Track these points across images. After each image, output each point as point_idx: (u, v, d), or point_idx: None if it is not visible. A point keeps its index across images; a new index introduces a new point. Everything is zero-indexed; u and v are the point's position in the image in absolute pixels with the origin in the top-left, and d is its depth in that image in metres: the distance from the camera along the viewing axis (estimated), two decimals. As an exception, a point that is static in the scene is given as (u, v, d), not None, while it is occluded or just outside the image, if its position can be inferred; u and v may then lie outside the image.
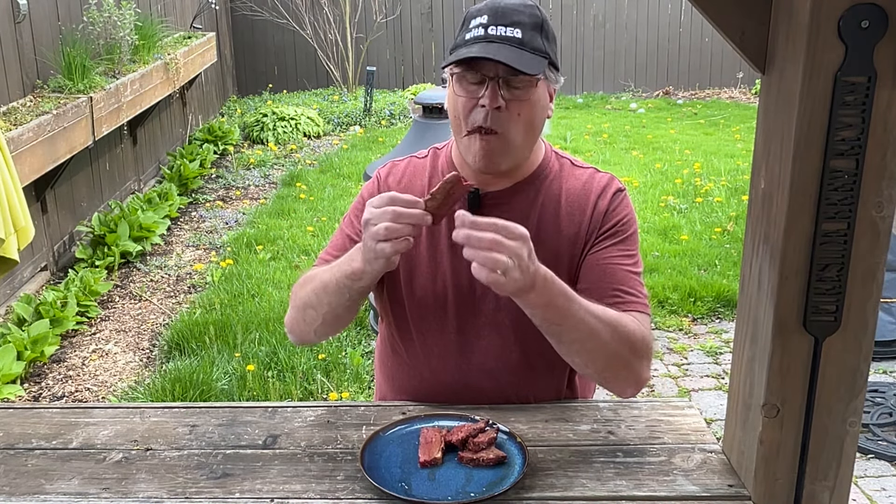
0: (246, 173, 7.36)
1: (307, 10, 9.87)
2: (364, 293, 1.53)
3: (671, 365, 3.96)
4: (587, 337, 1.44)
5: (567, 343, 1.46)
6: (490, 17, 1.50)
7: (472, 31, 1.51)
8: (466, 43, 1.51)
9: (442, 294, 1.61)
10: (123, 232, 5.21)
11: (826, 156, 1.18)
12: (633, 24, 10.57)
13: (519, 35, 1.49)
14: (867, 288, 1.24)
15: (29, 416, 1.63)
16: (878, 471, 3.09)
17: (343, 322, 1.61)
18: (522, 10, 1.51)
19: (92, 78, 5.02)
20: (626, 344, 1.47)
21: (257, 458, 1.46)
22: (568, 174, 1.64)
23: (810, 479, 1.33)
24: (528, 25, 1.50)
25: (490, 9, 1.52)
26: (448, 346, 1.62)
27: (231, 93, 10.19)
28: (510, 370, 1.62)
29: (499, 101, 1.49)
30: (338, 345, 4.00)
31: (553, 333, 1.45)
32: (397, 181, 1.69)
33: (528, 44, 1.49)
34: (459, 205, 1.47)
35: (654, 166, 7.17)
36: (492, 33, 1.49)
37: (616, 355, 1.47)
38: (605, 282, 1.55)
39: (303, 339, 1.67)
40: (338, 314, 1.56)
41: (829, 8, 1.13)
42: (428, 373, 1.65)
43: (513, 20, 1.49)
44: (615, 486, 1.36)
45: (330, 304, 1.54)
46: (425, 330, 1.63)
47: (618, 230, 1.59)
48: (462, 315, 1.61)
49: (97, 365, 3.99)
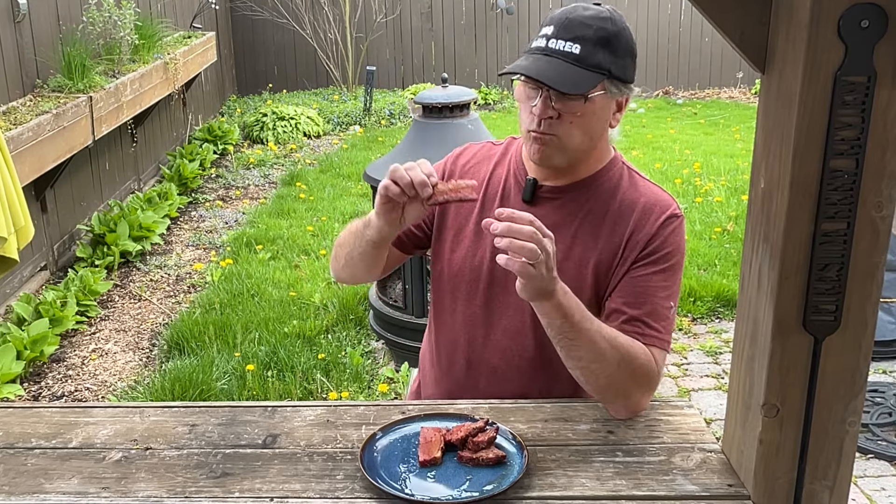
0: (246, 173, 7.36)
1: (307, 10, 9.86)
2: (374, 244, 1.62)
3: (671, 365, 3.96)
4: (594, 358, 1.48)
5: (573, 358, 1.50)
6: (555, 29, 1.55)
7: (538, 41, 1.57)
8: (529, 52, 1.57)
9: (478, 267, 1.68)
10: (123, 231, 5.21)
11: (826, 155, 1.18)
12: (633, 24, 10.40)
13: (577, 51, 1.52)
14: (867, 288, 1.24)
15: (28, 415, 1.63)
16: (877, 471, 3.09)
17: (359, 269, 1.72)
18: (591, 23, 1.53)
19: (92, 77, 5.02)
20: (629, 374, 1.51)
21: (257, 458, 1.46)
22: (629, 185, 1.66)
23: (810, 479, 1.33)
24: (591, 41, 1.52)
25: (558, 20, 1.55)
26: (473, 318, 1.69)
27: (231, 92, 10.19)
28: (523, 355, 1.66)
29: (549, 112, 1.54)
30: (337, 345, 4.01)
31: (563, 345, 1.49)
32: (465, 161, 1.79)
33: (584, 60, 1.52)
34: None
35: (654, 166, 7.17)
36: (552, 47, 1.54)
37: (617, 381, 1.52)
38: (635, 308, 1.56)
39: (337, 276, 1.82)
40: (353, 259, 1.69)
41: (829, 8, 1.13)
42: (450, 342, 1.73)
43: (576, 35, 1.52)
44: (615, 486, 1.36)
45: (351, 245, 1.69)
46: (457, 298, 1.71)
47: (662, 257, 1.59)
48: (492, 291, 1.67)
49: (97, 364, 3.99)
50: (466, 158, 1.79)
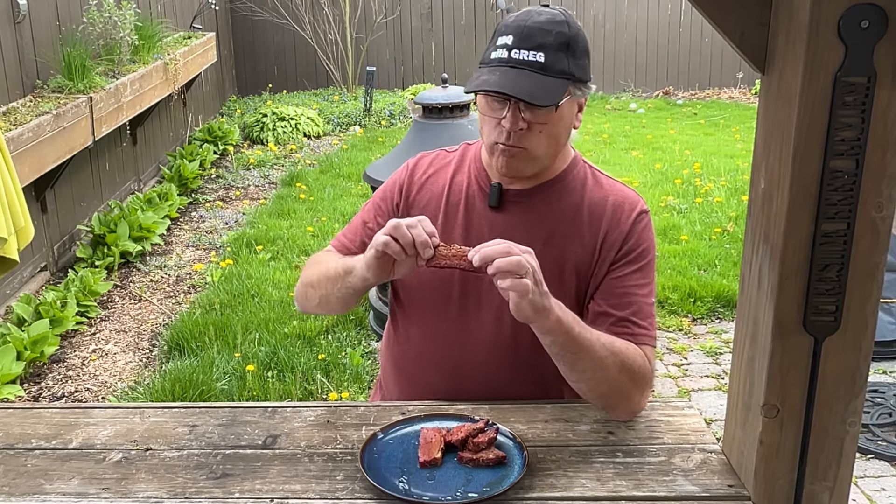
0: (246, 173, 7.36)
1: (307, 10, 9.87)
2: (355, 291, 1.59)
3: (671, 365, 3.96)
4: (597, 367, 1.48)
5: (579, 371, 1.49)
6: (515, 39, 1.51)
7: (498, 52, 1.52)
8: (490, 63, 1.53)
9: (448, 279, 1.63)
10: (123, 232, 5.21)
11: (826, 156, 1.18)
12: (633, 24, 10.57)
13: (542, 59, 1.49)
14: (867, 288, 1.24)
15: (29, 416, 1.63)
16: (877, 471, 3.09)
17: (334, 309, 1.69)
18: (549, 28, 1.51)
19: (92, 78, 5.02)
20: (629, 376, 1.51)
21: (257, 458, 1.46)
22: (594, 184, 1.65)
23: (810, 480, 1.33)
24: (553, 47, 1.50)
25: (517, 28, 1.52)
26: (447, 330, 1.65)
27: (231, 93, 10.19)
28: (500, 365, 1.64)
29: (519, 125, 1.52)
30: (338, 345, 4.00)
31: (566, 360, 1.48)
32: (422, 174, 1.73)
33: (550, 68, 1.50)
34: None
35: (654, 166, 7.17)
36: (514, 57, 1.50)
37: (619, 386, 1.52)
38: (621, 309, 1.57)
39: (304, 310, 1.79)
40: (330, 302, 1.65)
41: (829, 8, 1.13)
42: (424, 355, 1.69)
43: (537, 42, 1.50)
44: (615, 487, 1.36)
45: (327, 289, 1.64)
46: (426, 313, 1.67)
47: (638, 255, 1.60)
48: (464, 303, 1.64)
49: (97, 365, 3.99)
50: (422, 171, 1.73)
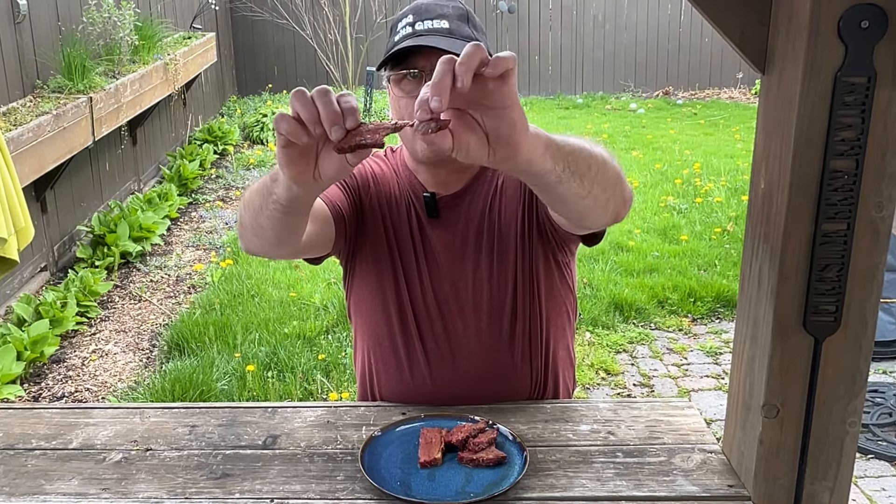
0: (246, 173, 7.36)
1: (307, 11, 9.86)
2: (283, 207, 1.20)
3: (671, 365, 3.96)
4: (594, 159, 1.18)
5: (587, 180, 1.17)
6: (415, 16, 1.53)
7: (401, 32, 1.53)
8: (396, 43, 1.52)
9: (432, 301, 1.61)
10: (123, 232, 5.21)
11: (826, 156, 1.18)
12: (632, 24, 10.57)
13: (446, 25, 1.51)
14: (867, 288, 1.24)
15: (29, 416, 1.63)
16: (878, 471, 3.09)
17: (269, 238, 1.34)
18: (445, 3, 1.55)
19: (92, 78, 5.02)
20: (610, 154, 1.24)
21: (257, 459, 1.46)
22: None
23: (810, 480, 1.33)
24: (454, 17, 1.53)
25: (414, 8, 1.56)
26: (435, 352, 1.62)
27: (231, 93, 10.19)
28: (495, 373, 1.63)
29: None
30: (338, 345, 4.01)
31: (578, 173, 1.15)
32: (381, 169, 1.69)
33: (456, 32, 1.51)
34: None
35: (654, 166, 7.17)
36: (419, 28, 1.51)
37: (617, 172, 1.24)
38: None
39: (245, 245, 1.44)
40: (261, 224, 1.30)
41: (829, 8, 1.13)
42: (411, 377, 1.65)
43: (438, 13, 1.53)
44: (615, 487, 1.36)
45: (256, 205, 1.29)
46: (409, 336, 1.63)
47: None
48: (447, 323, 1.61)
49: (97, 365, 3.99)
50: (381, 168, 1.68)
